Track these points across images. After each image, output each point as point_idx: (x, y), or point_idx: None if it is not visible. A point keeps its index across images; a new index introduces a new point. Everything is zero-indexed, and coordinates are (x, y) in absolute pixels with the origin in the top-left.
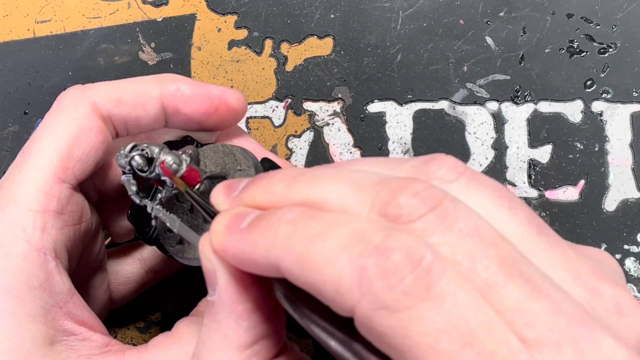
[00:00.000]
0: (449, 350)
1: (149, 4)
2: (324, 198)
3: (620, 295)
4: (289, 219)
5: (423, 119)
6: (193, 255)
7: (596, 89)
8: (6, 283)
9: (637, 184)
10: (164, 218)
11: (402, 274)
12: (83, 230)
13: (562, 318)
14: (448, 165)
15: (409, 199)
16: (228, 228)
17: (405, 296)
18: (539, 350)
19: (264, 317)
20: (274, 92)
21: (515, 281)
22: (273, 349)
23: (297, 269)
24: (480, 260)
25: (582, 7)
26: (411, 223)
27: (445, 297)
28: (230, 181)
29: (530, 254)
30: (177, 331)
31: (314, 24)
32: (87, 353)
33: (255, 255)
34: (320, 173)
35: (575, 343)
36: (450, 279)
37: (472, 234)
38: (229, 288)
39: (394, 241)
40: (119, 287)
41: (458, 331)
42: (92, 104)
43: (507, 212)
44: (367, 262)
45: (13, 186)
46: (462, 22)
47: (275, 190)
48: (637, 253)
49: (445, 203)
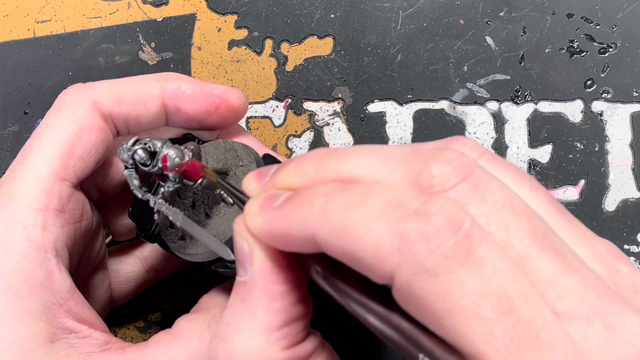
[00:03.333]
0: (489, 316)
1: (149, 4)
2: (355, 172)
3: (636, 274)
4: (323, 192)
5: (423, 119)
6: (195, 251)
7: (596, 88)
8: (7, 281)
9: (637, 184)
10: (166, 212)
11: (443, 238)
12: (84, 228)
13: (592, 292)
14: (469, 145)
15: (441, 167)
16: (262, 208)
17: (446, 260)
18: (569, 322)
19: (296, 300)
20: (274, 92)
21: (548, 254)
22: (300, 334)
23: (335, 239)
24: (514, 232)
25: (582, 7)
26: (444, 193)
27: (485, 263)
28: (261, 168)
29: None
30: (178, 328)
31: (314, 24)
32: (87, 351)
33: (292, 229)
34: (349, 150)
35: (604, 317)
36: (488, 246)
37: (505, 205)
38: (264, 268)
39: (433, 206)
40: (120, 285)
41: (498, 298)
42: (93, 102)
43: (529, 191)
44: (407, 226)
45: (14, 184)
46: (462, 22)
47: (306, 170)
48: (637, 253)
49: (478, 172)
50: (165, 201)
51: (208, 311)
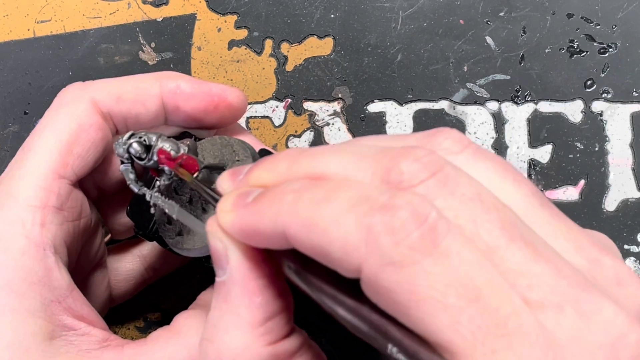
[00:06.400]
0: (456, 304)
1: (149, 4)
2: (326, 170)
3: (620, 267)
4: (293, 188)
5: (423, 119)
6: (192, 246)
7: (596, 88)
8: (5, 278)
9: (637, 184)
10: (162, 205)
11: (409, 230)
12: (82, 226)
13: (563, 281)
14: (453, 138)
15: (410, 164)
16: (234, 205)
17: (411, 251)
18: (541, 310)
19: (276, 294)
20: (274, 92)
21: (517, 244)
22: (284, 328)
23: (304, 233)
24: (483, 224)
25: (582, 7)
26: (413, 188)
27: (451, 253)
28: (235, 168)
29: (534, 225)
30: (176, 324)
31: (314, 24)
32: (86, 348)
33: (262, 225)
34: (322, 149)
35: (577, 305)
36: (454, 238)
37: (474, 199)
38: (241, 265)
39: (399, 200)
40: (119, 284)
41: (464, 287)
42: (92, 100)
43: (512, 184)
44: (374, 220)
45: (12, 182)
46: (462, 22)
47: (279, 168)
48: (637, 253)
49: (447, 168)
50: (161, 194)
51: (206, 308)
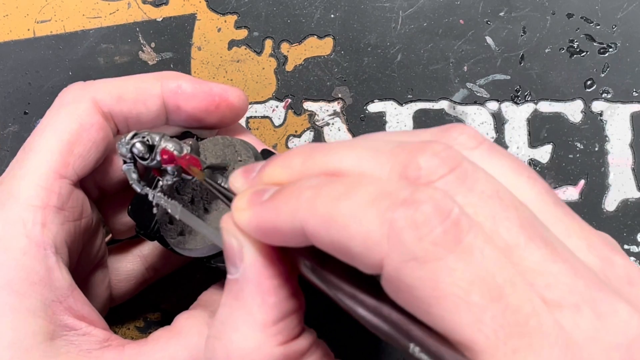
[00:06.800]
0: (478, 302)
1: (149, 4)
2: (342, 165)
3: (631, 266)
4: (311, 184)
5: (423, 119)
6: (194, 246)
7: (596, 88)
8: (6, 278)
9: (637, 184)
10: (165, 205)
11: (432, 225)
12: (83, 226)
13: (580, 281)
14: (468, 133)
15: (428, 159)
16: (250, 202)
17: (434, 247)
18: (559, 310)
19: (289, 294)
20: (274, 92)
21: (535, 243)
22: (295, 329)
23: (324, 229)
24: (502, 222)
25: (582, 7)
26: (431, 184)
27: (473, 250)
28: (247, 165)
29: (548, 223)
30: (177, 325)
31: (314, 24)
32: (87, 348)
33: (280, 222)
34: (336, 144)
35: (594, 305)
36: (477, 235)
37: (492, 196)
38: (256, 263)
39: (421, 195)
40: (120, 283)
41: (487, 285)
42: (93, 100)
43: (527, 181)
44: (396, 215)
45: (13, 182)
46: (462, 22)
47: (294, 164)
48: (637, 253)
49: (465, 164)
50: (163, 194)
51: (207, 308)
